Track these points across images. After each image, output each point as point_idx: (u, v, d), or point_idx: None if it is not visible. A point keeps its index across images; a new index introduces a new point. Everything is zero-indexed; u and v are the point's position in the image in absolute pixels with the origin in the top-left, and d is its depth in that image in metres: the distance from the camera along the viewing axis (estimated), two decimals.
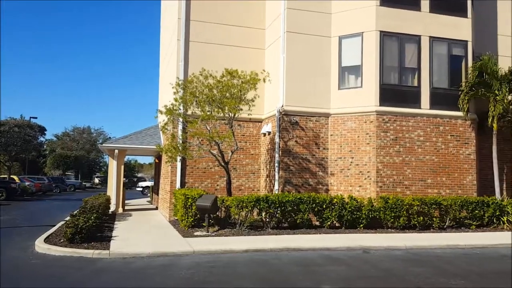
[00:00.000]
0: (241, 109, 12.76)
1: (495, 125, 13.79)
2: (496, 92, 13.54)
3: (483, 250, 10.08)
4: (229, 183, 13.23)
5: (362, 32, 13.87)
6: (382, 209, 12.46)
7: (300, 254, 9.17)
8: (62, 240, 9.82)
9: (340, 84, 14.26)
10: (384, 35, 13.73)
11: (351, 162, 13.77)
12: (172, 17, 16.99)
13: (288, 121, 13.86)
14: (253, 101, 12.82)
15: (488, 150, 14.42)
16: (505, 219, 12.90)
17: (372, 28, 13.71)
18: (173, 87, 13.29)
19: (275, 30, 14.95)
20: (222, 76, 12.64)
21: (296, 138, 13.90)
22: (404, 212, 12.41)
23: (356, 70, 14.07)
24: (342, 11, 14.26)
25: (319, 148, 14.08)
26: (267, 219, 11.96)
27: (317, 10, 14.30)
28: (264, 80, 13.05)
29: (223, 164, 13.03)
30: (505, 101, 13.74)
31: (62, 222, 12.56)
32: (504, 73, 13.99)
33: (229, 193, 13.09)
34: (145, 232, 11.79)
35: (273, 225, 11.99)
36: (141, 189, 35.96)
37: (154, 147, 15.87)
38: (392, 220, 12.46)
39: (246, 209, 11.74)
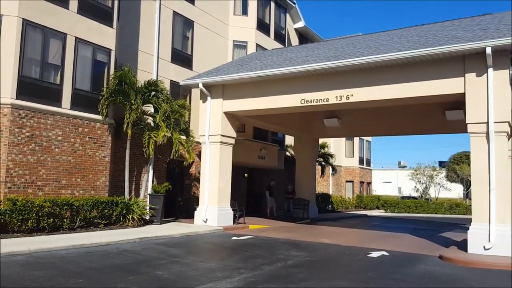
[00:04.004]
0: None
1: (129, 131, 15.16)
2: (132, 101, 14.94)
3: (107, 247, 10.79)
4: None
5: (2, 15, 12.33)
6: (8, 212, 11.34)
7: None
8: None
9: None
10: (28, 24, 12.69)
11: None
12: None
13: None
14: None
15: (123, 154, 15.68)
16: (130, 217, 14.33)
17: (14, 14, 12.40)
18: None
19: None
20: None
21: None
22: (34, 214, 11.74)
23: None
24: None
25: None
26: None
27: None
28: None
29: None
30: (139, 110, 15.35)
31: None
32: (140, 86, 15.64)
33: None
34: None
35: None
36: None
37: None
38: (19, 223, 11.54)
39: None
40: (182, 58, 19.44)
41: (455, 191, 47.52)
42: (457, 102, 13.04)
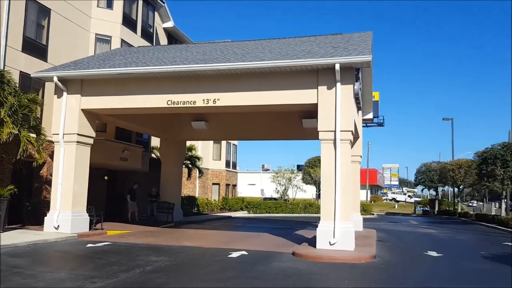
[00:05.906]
0: None
1: None
2: None
3: None
4: None
5: None
6: None
7: None
8: None
9: None
10: None
11: None
12: None
13: None
14: None
15: None
16: None
17: None
18: None
19: None
20: None
21: None
22: None
23: None
24: None
25: None
26: None
27: None
28: None
29: None
30: None
31: None
32: None
33: None
34: None
35: None
36: None
37: None
38: None
39: None
40: (35, 48, 17.53)
41: (310, 192, 51.86)
42: (312, 111, 14.25)
